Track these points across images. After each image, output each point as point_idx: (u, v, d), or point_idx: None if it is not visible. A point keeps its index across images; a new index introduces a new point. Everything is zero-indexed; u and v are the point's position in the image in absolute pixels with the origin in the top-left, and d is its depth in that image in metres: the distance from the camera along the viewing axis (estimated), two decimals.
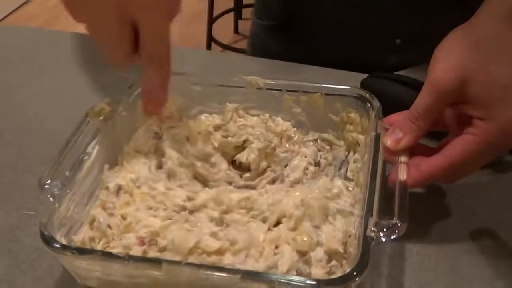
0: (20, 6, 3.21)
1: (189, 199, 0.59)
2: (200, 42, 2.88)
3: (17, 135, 0.76)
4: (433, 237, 0.61)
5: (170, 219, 0.56)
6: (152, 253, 0.54)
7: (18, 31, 1.04)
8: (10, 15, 3.14)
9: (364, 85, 0.75)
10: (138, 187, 0.60)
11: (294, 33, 0.94)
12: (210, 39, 2.94)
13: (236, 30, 3.19)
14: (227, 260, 0.53)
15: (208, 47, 2.92)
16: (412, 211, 0.51)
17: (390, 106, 0.62)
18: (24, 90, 0.85)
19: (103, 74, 0.84)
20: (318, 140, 0.69)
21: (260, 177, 0.65)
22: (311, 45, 0.93)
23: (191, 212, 0.58)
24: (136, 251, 0.54)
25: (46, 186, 0.54)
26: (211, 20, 2.92)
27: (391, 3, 0.84)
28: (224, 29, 3.03)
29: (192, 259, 0.52)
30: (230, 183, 0.64)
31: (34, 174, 0.56)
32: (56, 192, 0.54)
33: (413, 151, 0.59)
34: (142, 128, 0.65)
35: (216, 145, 0.65)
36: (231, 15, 3.11)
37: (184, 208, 0.58)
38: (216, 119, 0.69)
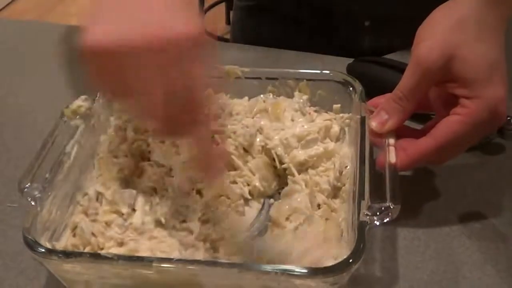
0: (11, 1, 3.17)
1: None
2: None
3: (0, 128, 0.75)
4: (422, 220, 0.61)
5: None
6: None
7: (2, 24, 1.03)
8: (1, 11, 3.09)
9: (350, 69, 0.74)
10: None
11: (271, 13, 0.94)
12: None
13: (228, 21, 3.10)
14: None
15: None
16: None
17: (377, 90, 0.62)
18: (9, 83, 0.84)
19: None
20: None
21: None
22: (286, 27, 0.93)
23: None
24: None
25: (25, 189, 0.52)
26: (202, 11, 2.89)
27: None
28: (216, 21, 3.01)
29: None
30: None
31: (17, 167, 0.54)
32: (37, 195, 0.52)
33: (399, 133, 0.58)
34: (110, 130, 0.63)
35: None
36: (222, 6, 3.07)
37: None
38: None
